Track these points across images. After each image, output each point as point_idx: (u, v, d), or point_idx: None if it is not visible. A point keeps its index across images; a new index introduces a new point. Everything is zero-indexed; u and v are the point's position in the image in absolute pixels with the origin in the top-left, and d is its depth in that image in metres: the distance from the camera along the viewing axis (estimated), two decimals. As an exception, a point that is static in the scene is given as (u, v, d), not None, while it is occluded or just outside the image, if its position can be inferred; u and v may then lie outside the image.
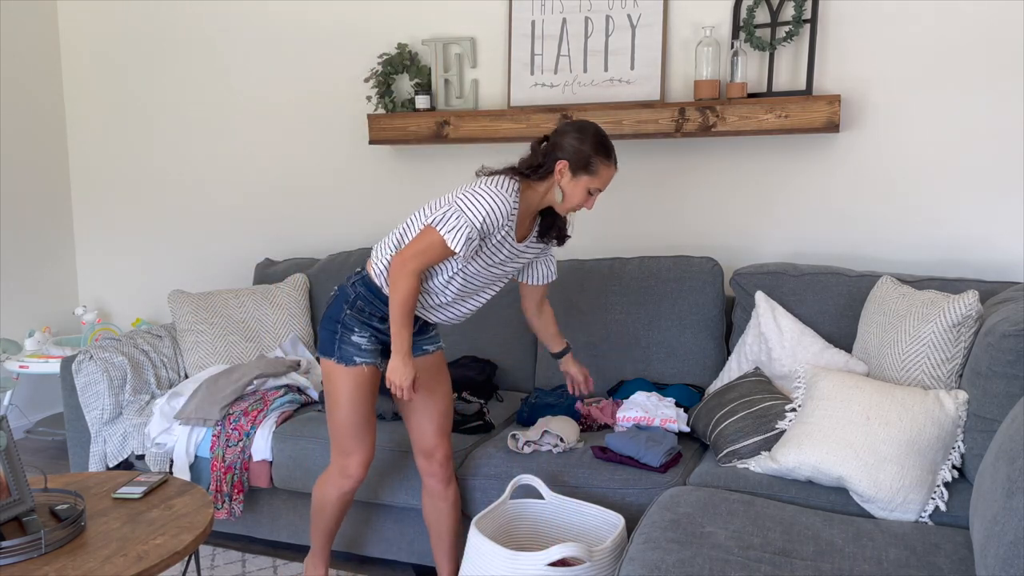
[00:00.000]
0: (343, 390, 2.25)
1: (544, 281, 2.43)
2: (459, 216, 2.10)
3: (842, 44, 2.90)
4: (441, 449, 2.39)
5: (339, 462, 2.34)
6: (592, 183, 2.17)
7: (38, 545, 1.83)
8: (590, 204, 2.22)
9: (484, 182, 2.16)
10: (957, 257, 2.87)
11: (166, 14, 3.93)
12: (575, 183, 2.17)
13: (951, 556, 1.81)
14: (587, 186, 2.17)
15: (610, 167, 2.18)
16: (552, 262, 2.43)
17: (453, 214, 2.10)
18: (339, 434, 2.31)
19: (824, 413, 2.21)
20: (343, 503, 2.42)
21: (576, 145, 2.15)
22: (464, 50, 3.35)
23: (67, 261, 4.32)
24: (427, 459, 2.39)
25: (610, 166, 2.17)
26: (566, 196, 2.19)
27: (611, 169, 2.18)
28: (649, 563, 1.76)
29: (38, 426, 3.99)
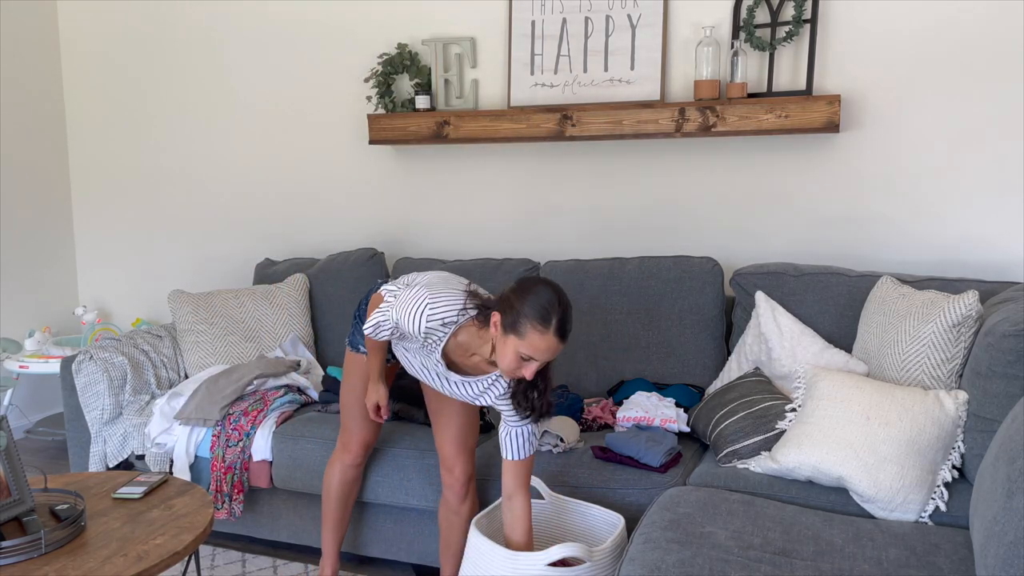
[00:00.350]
0: (350, 372, 2.42)
1: (509, 455, 2.10)
2: (392, 304, 2.05)
3: (842, 44, 2.90)
4: (459, 466, 2.37)
5: (342, 439, 2.50)
6: (521, 347, 1.89)
7: (38, 545, 1.83)
8: (527, 373, 1.92)
9: (435, 294, 2.00)
10: (957, 257, 2.87)
11: (166, 14, 3.93)
12: (505, 342, 1.92)
13: (951, 556, 1.81)
14: (516, 349, 1.90)
15: (545, 336, 1.87)
16: (526, 438, 2.10)
17: (389, 299, 2.08)
18: (343, 413, 2.47)
19: (824, 413, 2.21)
20: (345, 483, 2.52)
21: (512, 300, 1.92)
22: (464, 50, 3.35)
23: (67, 261, 4.32)
24: (448, 473, 2.39)
25: (545, 334, 1.87)
26: (498, 355, 1.95)
27: (546, 338, 1.87)
28: (649, 563, 1.76)
29: (38, 426, 3.99)
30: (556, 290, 1.93)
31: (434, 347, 2.06)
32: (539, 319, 1.88)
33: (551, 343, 1.89)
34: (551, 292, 1.92)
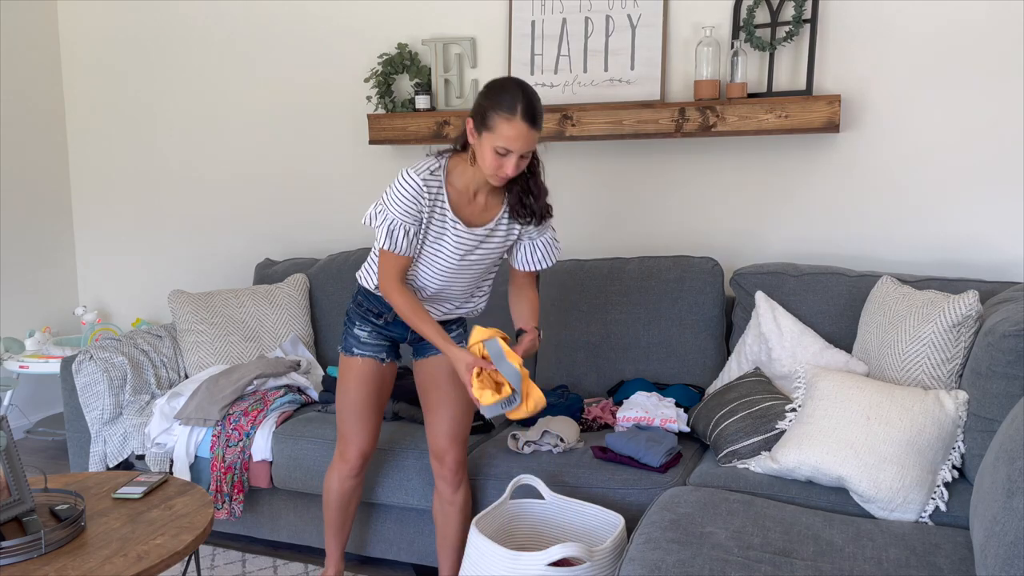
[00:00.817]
0: (344, 377, 2.36)
1: (525, 267, 2.20)
2: (382, 211, 2.07)
3: (842, 44, 2.90)
4: (451, 454, 2.36)
5: (339, 447, 2.43)
6: (494, 141, 1.91)
7: (38, 545, 1.83)
8: (508, 169, 1.93)
9: (402, 170, 2.04)
10: (957, 257, 2.87)
11: (166, 14, 3.93)
12: (481, 143, 1.94)
13: (951, 556, 1.81)
14: (491, 145, 1.92)
15: (511, 121, 1.87)
16: (543, 247, 2.20)
17: (378, 212, 2.08)
18: (340, 419, 2.40)
19: (824, 413, 2.21)
20: (344, 492, 2.46)
21: (479, 100, 1.93)
22: (464, 50, 3.35)
23: (67, 261, 4.32)
24: (439, 462, 2.38)
25: (511, 120, 1.87)
26: (479, 162, 1.97)
27: (513, 124, 1.87)
28: (649, 563, 1.76)
29: (38, 426, 3.99)
30: (520, 82, 1.94)
31: (443, 207, 2.05)
32: (505, 107, 1.89)
33: (521, 129, 1.89)
34: (514, 82, 1.94)
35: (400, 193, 2.03)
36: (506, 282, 2.36)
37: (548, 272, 3.09)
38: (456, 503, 2.41)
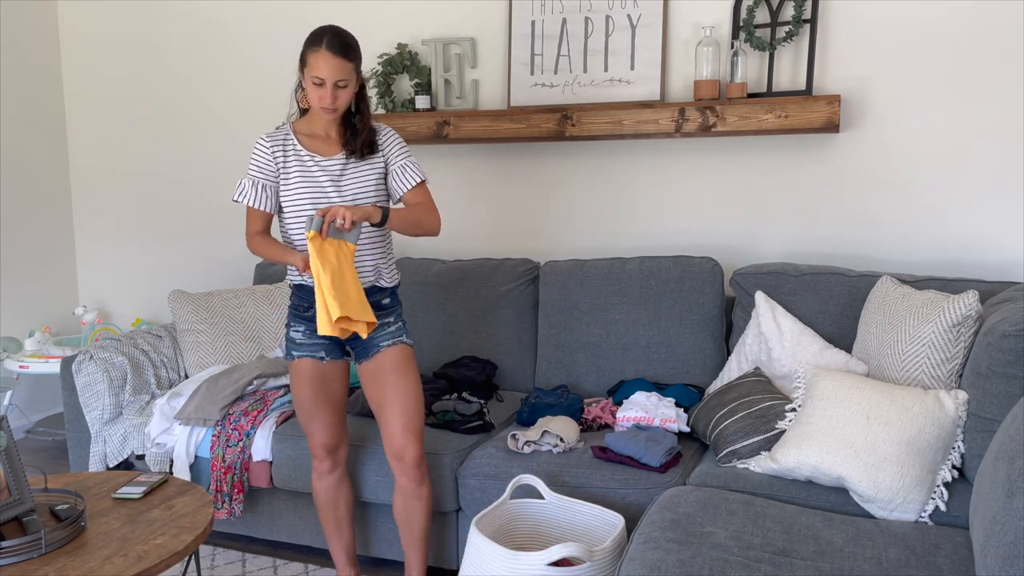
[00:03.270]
0: (292, 382, 2.43)
1: (398, 192, 2.35)
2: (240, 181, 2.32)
3: (842, 44, 2.90)
4: (410, 450, 2.34)
5: (310, 448, 2.50)
6: (309, 73, 2.17)
7: (38, 545, 1.83)
8: (326, 100, 2.18)
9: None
10: (957, 257, 2.87)
11: (166, 14, 3.93)
12: (305, 82, 2.21)
13: (951, 556, 1.81)
14: (309, 79, 2.18)
15: (317, 52, 2.14)
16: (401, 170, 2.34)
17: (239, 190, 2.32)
18: (300, 421, 2.47)
19: (824, 413, 2.21)
20: (324, 491, 2.51)
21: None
22: (464, 50, 3.35)
23: (67, 261, 4.32)
24: (398, 460, 2.36)
25: (317, 51, 2.14)
26: (309, 99, 2.23)
27: (320, 54, 2.13)
28: (649, 563, 1.76)
29: (38, 426, 3.99)
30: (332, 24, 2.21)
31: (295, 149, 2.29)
32: (312, 42, 2.16)
33: (327, 59, 2.13)
34: (324, 25, 2.21)
35: (252, 155, 2.31)
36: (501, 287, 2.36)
37: (548, 272, 3.10)
38: (421, 497, 2.40)
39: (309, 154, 2.30)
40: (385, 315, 2.38)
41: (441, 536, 2.65)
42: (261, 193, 2.31)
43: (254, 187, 2.31)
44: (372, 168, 2.33)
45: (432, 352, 3.19)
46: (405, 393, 2.34)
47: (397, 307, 2.43)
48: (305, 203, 2.29)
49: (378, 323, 2.36)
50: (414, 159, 2.38)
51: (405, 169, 2.34)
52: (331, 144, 2.33)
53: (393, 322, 2.39)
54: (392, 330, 2.38)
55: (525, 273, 3.15)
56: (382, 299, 2.38)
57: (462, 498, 2.55)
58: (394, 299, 2.43)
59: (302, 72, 2.24)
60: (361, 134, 2.30)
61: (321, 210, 2.12)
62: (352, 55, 2.19)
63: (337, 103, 2.21)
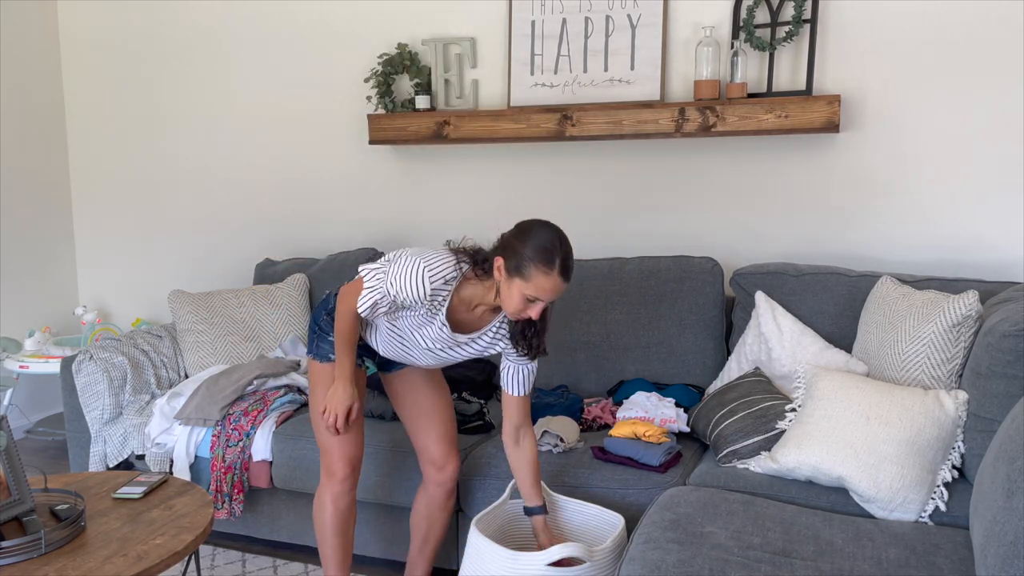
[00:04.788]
0: (319, 385, 2.24)
1: (512, 391, 2.17)
2: (381, 279, 2.03)
3: (842, 44, 2.90)
4: (452, 463, 2.36)
5: (324, 461, 2.28)
6: (526, 289, 1.93)
7: (38, 545, 1.83)
8: (534, 314, 1.97)
9: (426, 256, 2.00)
10: (957, 257, 2.87)
11: (166, 14, 3.93)
12: (510, 285, 1.95)
13: (951, 556, 1.81)
14: (521, 292, 1.94)
15: (550, 276, 1.91)
16: (525, 373, 2.16)
17: (378, 275, 2.04)
18: (318, 433, 2.26)
19: (824, 413, 2.21)
20: (340, 512, 2.29)
21: (514, 243, 1.95)
22: (464, 50, 3.35)
23: (67, 261, 4.32)
24: (438, 470, 2.36)
25: (550, 275, 1.91)
26: (503, 298, 1.99)
27: (551, 279, 1.91)
28: (649, 563, 1.76)
29: (38, 426, 3.99)
30: (556, 231, 1.96)
31: (438, 309, 2.04)
32: (543, 261, 1.91)
33: (556, 283, 1.93)
34: (552, 233, 1.95)
35: (406, 286, 1.99)
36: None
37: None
38: (448, 508, 2.41)
39: (444, 323, 2.06)
40: None
41: (441, 536, 2.65)
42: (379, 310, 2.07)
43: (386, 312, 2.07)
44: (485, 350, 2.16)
45: (432, 352, 3.19)
46: (443, 405, 2.34)
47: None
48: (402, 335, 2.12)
49: None
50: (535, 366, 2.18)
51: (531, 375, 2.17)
52: (471, 321, 2.11)
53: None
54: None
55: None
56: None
57: (462, 498, 2.55)
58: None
59: (511, 272, 1.94)
60: (542, 336, 2.09)
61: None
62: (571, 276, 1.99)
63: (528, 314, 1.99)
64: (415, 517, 2.44)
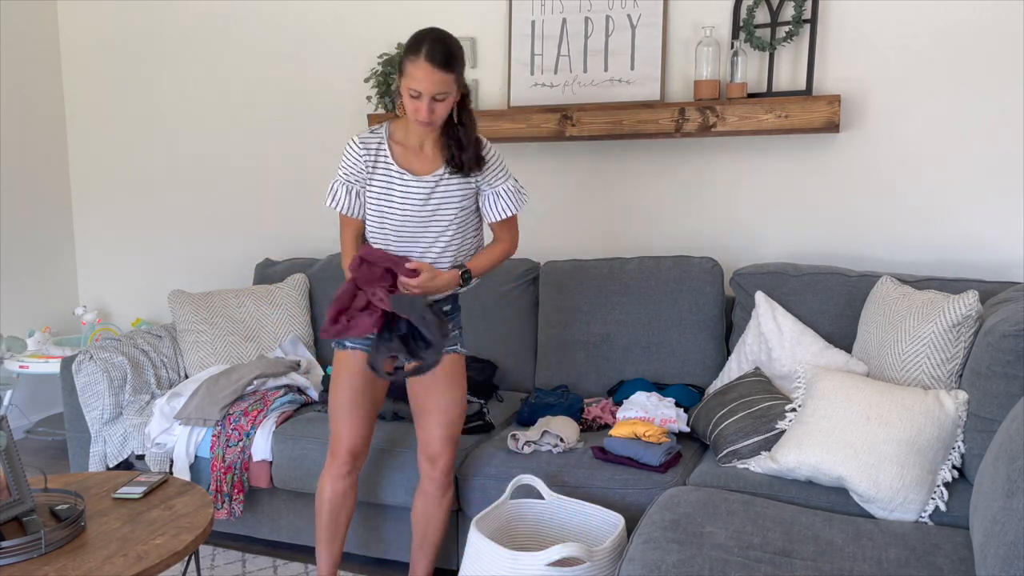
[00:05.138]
0: (336, 371, 2.33)
1: (490, 217, 2.24)
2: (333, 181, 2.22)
3: (842, 44, 2.90)
4: (445, 457, 2.36)
5: (331, 446, 2.39)
6: (406, 84, 2.01)
7: (38, 545, 1.83)
8: (422, 113, 2.02)
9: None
10: (957, 257, 2.87)
11: (166, 14, 3.93)
12: (402, 90, 2.04)
13: (951, 556, 1.81)
14: (406, 89, 2.01)
15: (417, 63, 1.97)
16: (506, 195, 2.22)
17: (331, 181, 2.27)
18: (332, 416, 2.36)
19: (824, 413, 2.21)
20: (335, 495, 2.38)
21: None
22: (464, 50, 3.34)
23: (67, 261, 4.32)
24: (431, 464, 2.37)
25: (417, 62, 1.97)
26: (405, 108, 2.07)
27: (419, 66, 1.96)
28: (649, 563, 1.76)
29: (38, 426, 3.99)
30: (435, 29, 2.04)
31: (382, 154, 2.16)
32: (411, 51, 2.00)
33: (425, 69, 1.98)
34: (428, 29, 2.04)
35: (343, 156, 2.19)
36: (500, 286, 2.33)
37: (548, 272, 3.10)
38: (443, 505, 2.41)
39: (399, 171, 2.16)
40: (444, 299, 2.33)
41: (441, 536, 2.66)
42: (355, 200, 2.20)
43: (348, 194, 2.20)
44: (464, 187, 2.19)
45: (432, 352, 3.18)
46: (452, 402, 2.33)
47: (457, 314, 2.37)
48: (385, 224, 2.19)
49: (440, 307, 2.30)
50: (513, 184, 2.23)
51: (501, 197, 2.21)
52: (425, 160, 2.18)
53: (451, 329, 2.32)
54: (449, 316, 2.33)
55: (525, 273, 3.15)
56: (443, 305, 2.32)
57: (462, 498, 2.55)
58: (455, 305, 2.36)
59: (400, 78, 2.07)
60: (467, 148, 2.13)
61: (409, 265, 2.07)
62: (454, 65, 2.02)
63: (434, 117, 2.05)
64: (414, 515, 2.45)
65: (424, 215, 2.18)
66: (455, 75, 2.04)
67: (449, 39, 2.04)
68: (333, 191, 2.21)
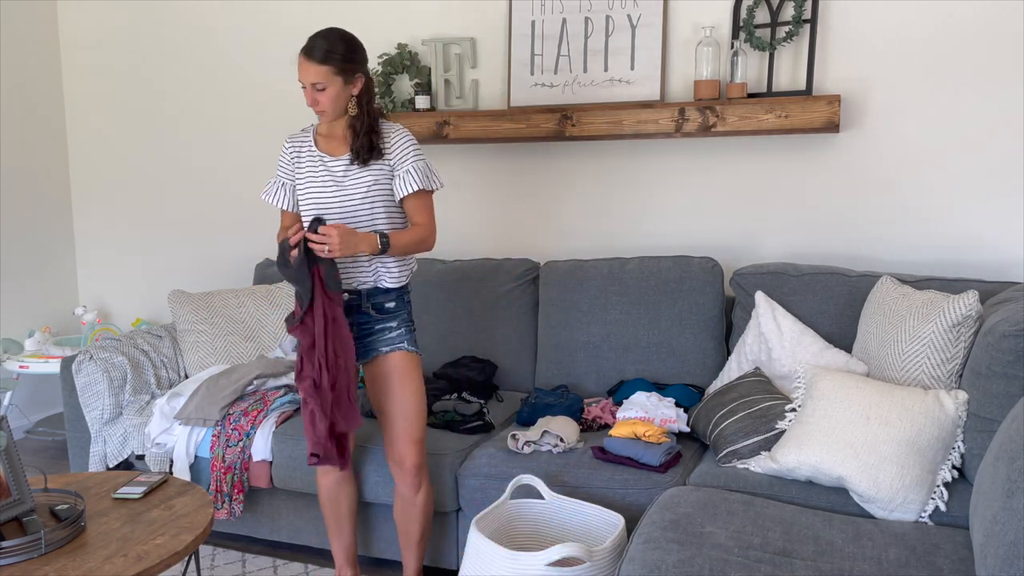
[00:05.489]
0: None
1: (399, 193, 2.32)
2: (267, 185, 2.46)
3: (842, 44, 2.90)
4: (410, 458, 2.36)
5: None
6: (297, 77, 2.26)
7: (38, 545, 1.83)
8: (308, 101, 2.27)
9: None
10: (957, 257, 2.87)
11: (166, 14, 3.93)
12: None
13: (951, 556, 1.81)
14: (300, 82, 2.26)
15: (300, 56, 2.22)
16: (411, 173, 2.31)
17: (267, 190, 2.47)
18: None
19: (824, 413, 2.21)
20: (327, 488, 2.51)
21: None
22: (464, 50, 3.35)
23: (67, 261, 4.32)
24: (398, 466, 2.38)
25: (300, 55, 2.22)
26: None
27: (300, 59, 2.22)
28: (649, 563, 1.76)
29: (38, 426, 3.99)
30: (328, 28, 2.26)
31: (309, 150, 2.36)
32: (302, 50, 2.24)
33: (301, 62, 2.23)
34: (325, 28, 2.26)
35: (279, 157, 2.45)
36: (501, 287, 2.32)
37: (548, 272, 3.10)
38: (418, 503, 2.42)
39: (319, 154, 2.35)
40: (387, 319, 2.36)
41: (441, 536, 2.65)
42: (285, 194, 2.42)
43: (282, 188, 2.42)
44: (373, 171, 2.30)
45: (432, 352, 3.19)
46: (404, 401, 2.34)
47: (403, 311, 2.39)
48: (309, 203, 2.32)
49: (377, 327, 2.35)
50: (422, 165, 2.33)
51: (406, 176, 2.31)
52: (340, 144, 2.35)
53: (395, 327, 2.36)
54: (393, 336, 2.36)
55: (525, 273, 3.15)
56: (385, 302, 2.36)
57: (462, 498, 2.55)
58: (401, 303, 2.39)
59: None
60: (360, 136, 2.29)
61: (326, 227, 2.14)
62: (328, 59, 2.20)
63: (319, 106, 2.27)
64: (395, 514, 2.49)
65: (346, 193, 2.29)
66: (330, 68, 2.22)
67: (333, 37, 2.24)
68: (270, 189, 2.44)
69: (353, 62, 2.26)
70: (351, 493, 2.55)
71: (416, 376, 2.36)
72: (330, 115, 2.30)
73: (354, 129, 2.31)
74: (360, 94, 2.30)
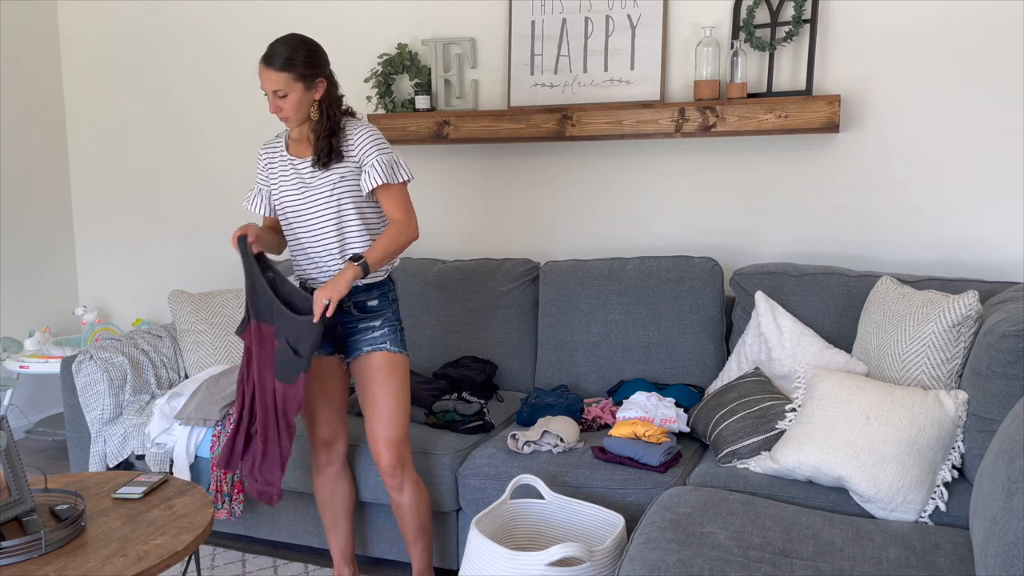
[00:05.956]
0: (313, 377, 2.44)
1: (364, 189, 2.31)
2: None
3: (842, 44, 2.90)
4: (384, 459, 2.34)
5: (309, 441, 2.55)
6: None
7: (38, 545, 1.83)
8: (271, 107, 2.29)
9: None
10: (957, 257, 2.87)
11: (166, 14, 3.93)
12: None
13: (951, 556, 1.81)
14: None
15: (261, 67, 2.24)
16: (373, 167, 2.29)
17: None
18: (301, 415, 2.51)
19: (824, 413, 2.21)
20: (321, 488, 2.53)
21: None
22: (464, 50, 3.35)
23: (67, 261, 4.32)
24: (379, 466, 2.39)
25: (261, 66, 2.24)
26: None
27: (260, 67, 2.24)
28: (649, 563, 1.76)
29: (38, 426, 3.99)
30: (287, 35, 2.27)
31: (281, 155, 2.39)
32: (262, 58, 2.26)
33: (261, 70, 2.24)
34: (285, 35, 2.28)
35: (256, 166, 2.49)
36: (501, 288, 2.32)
37: (548, 272, 3.10)
38: (403, 504, 2.40)
39: (290, 157, 2.38)
40: (370, 319, 2.35)
41: (441, 536, 2.66)
42: (262, 200, 2.46)
43: (259, 195, 2.46)
44: (339, 170, 2.31)
45: (432, 352, 3.19)
46: (382, 402, 2.33)
47: (386, 310, 2.37)
48: (283, 205, 2.37)
49: (360, 326, 2.35)
50: (386, 158, 2.31)
51: (370, 171, 2.30)
52: (309, 147, 2.37)
53: (378, 327, 2.35)
54: (375, 336, 2.34)
55: (525, 273, 3.15)
56: (367, 300, 2.34)
57: (462, 498, 2.55)
58: (384, 301, 2.37)
59: None
60: (321, 139, 2.30)
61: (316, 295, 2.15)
62: (288, 66, 2.22)
63: (282, 112, 2.28)
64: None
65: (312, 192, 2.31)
66: (290, 74, 2.23)
67: (293, 43, 2.25)
68: (250, 196, 2.47)
69: (314, 67, 2.26)
70: (346, 491, 2.55)
71: (397, 377, 2.34)
72: (294, 121, 2.31)
73: (316, 133, 2.32)
74: (322, 99, 2.31)
